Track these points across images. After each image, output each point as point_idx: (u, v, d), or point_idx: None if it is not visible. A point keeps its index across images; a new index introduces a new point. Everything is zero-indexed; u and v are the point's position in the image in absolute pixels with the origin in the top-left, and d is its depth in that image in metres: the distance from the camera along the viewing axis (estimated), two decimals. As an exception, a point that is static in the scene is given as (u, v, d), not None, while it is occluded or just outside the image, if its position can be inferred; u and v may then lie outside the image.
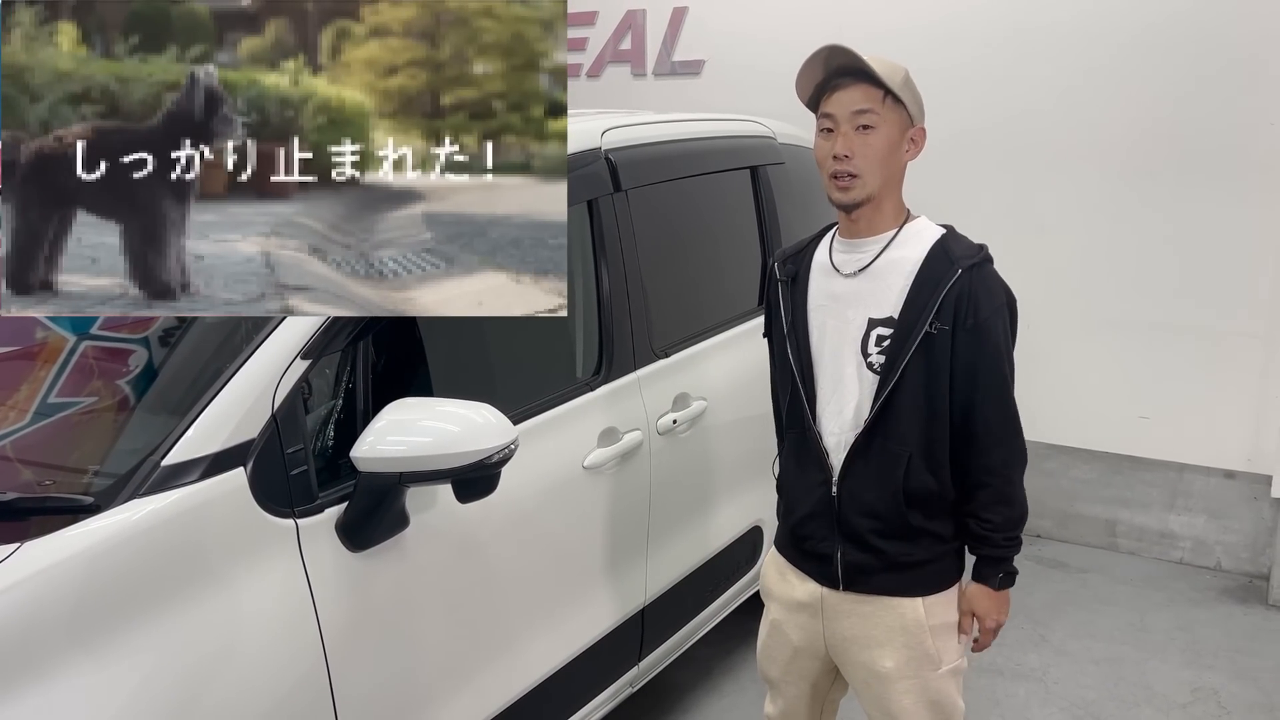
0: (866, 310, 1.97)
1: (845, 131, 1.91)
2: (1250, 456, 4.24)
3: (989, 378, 1.93)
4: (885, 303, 1.96)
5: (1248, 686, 3.49)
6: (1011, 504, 2.00)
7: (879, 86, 1.90)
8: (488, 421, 1.95)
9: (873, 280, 1.97)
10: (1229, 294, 4.19)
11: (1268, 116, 4.03)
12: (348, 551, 1.93)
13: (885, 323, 1.95)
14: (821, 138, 1.96)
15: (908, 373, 1.93)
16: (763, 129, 3.62)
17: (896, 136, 1.93)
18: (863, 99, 1.90)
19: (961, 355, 1.92)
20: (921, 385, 1.93)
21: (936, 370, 1.92)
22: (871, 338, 1.96)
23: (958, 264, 1.93)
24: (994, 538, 2.00)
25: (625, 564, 2.69)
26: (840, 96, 1.91)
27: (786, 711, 2.26)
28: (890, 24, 4.61)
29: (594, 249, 2.68)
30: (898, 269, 1.96)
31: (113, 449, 1.85)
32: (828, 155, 1.93)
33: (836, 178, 1.93)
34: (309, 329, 1.91)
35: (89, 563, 1.60)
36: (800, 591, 2.12)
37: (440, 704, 2.13)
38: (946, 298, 1.91)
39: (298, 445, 1.88)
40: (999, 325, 1.93)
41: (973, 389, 1.93)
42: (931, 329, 1.91)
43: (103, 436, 1.90)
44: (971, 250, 1.96)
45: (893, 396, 1.94)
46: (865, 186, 1.92)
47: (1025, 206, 4.51)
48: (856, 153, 1.90)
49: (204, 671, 1.70)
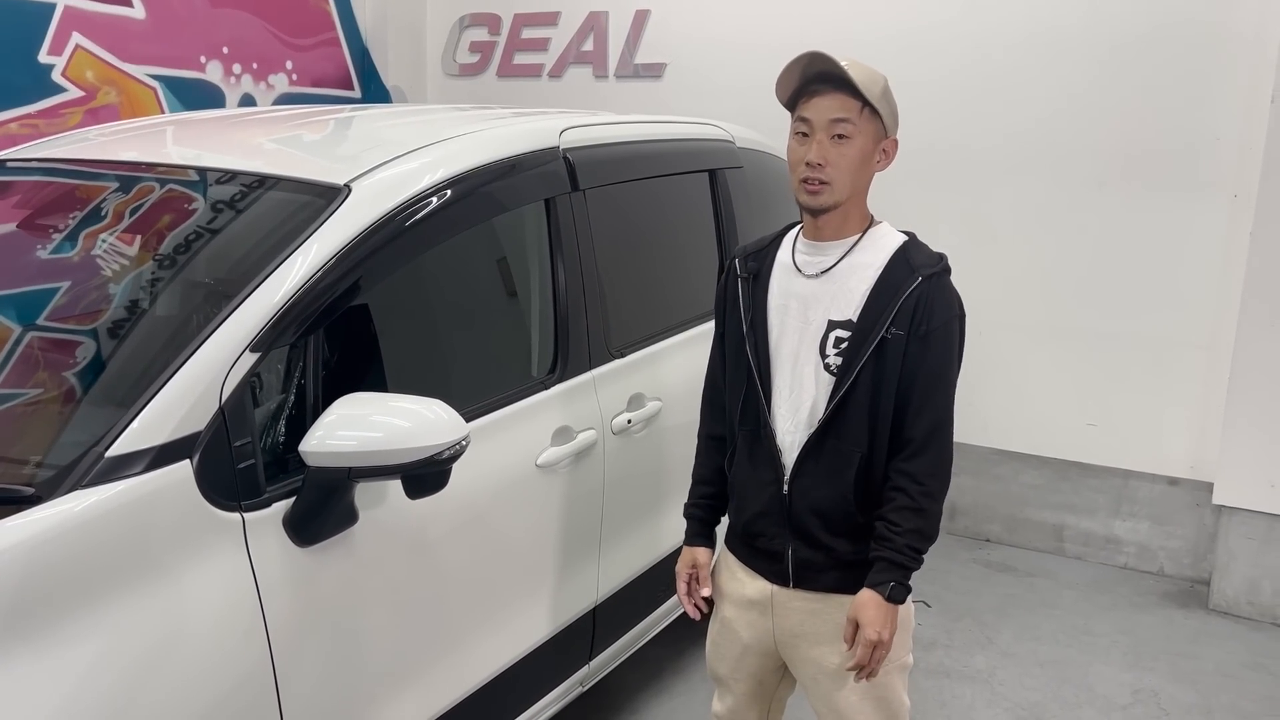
0: (827, 312, 1.99)
1: (821, 139, 1.93)
2: (1193, 464, 4.33)
3: (932, 384, 1.95)
4: (846, 306, 1.98)
5: (1186, 689, 3.57)
6: (923, 515, 1.95)
7: (857, 97, 1.92)
8: (439, 417, 1.94)
9: (835, 283, 2.00)
10: (1174, 306, 4.28)
11: (1213, 132, 4.12)
12: (295, 547, 1.91)
13: (844, 325, 1.97)
14: (796, 141, 1.98)
15: (862, 375, 1.95)
16: (722, 133, 3.64)
17: (870, 147, 1.96)
18: (840, 108, 1.92)
19: (910, 360, 1.94)
20: (874, 388, 1.96)
21: (888, 374, 1.95)
22: (830, 339, 1.98)
23: (918, 272, 1.96)
24: (897, 541, 1.93)
25: (577, 563, 2.69)
26: (819, 103, 1.93)
27: (734, 709, 2.27)
28: (850, 35, 4.66)
29: (550, 247, 2.67)
30: (860, 273, 1.98)
31: (56, 440, 1.82)
32: (800, 160, 1.95)
33: (807, 182, 1.95)
34: (259, 322, 1.89)
35: (29, 552, 1.57)
36: (750, 589, 2.14)
37: (387, 701, 2.12)
38: (905, 304, 1.94)
39: (245, 439, 1.86)
40: (949, 335, 1.96)
41: (914, 394, 1.95)
42: (887, 334, 1.93)
43: (46, 427, 1.87)
44: (932, 259, 1.99)
45: (847, 398, 1.96)
46: (835, 194, 1.94)
47: (979, 216, 4.57)
48: (830, 161, 1.92)
49: (146, 665, 1.67)
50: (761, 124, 4.10)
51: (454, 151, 2.44)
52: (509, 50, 5.67)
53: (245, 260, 2.05)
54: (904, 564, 1.94)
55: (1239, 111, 4.06)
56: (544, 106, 4.94)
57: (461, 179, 2.37)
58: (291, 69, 5.27)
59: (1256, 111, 3.98)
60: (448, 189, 2.32)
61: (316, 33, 5.40)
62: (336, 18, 5.51)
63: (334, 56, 5.53)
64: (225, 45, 4.90)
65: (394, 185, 2.23)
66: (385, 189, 2.21)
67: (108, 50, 4.40)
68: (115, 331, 1.98)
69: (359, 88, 5.69)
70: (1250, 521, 4.07)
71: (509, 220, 2.61)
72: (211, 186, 2.31)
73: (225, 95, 4.94)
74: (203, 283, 2.12)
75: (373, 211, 2.15)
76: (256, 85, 5.08)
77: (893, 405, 1.96)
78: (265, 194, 2.24)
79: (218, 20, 4.86)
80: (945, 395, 1.97)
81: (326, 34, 5.46)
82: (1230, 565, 4.13)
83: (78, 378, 1.96)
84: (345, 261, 2.05)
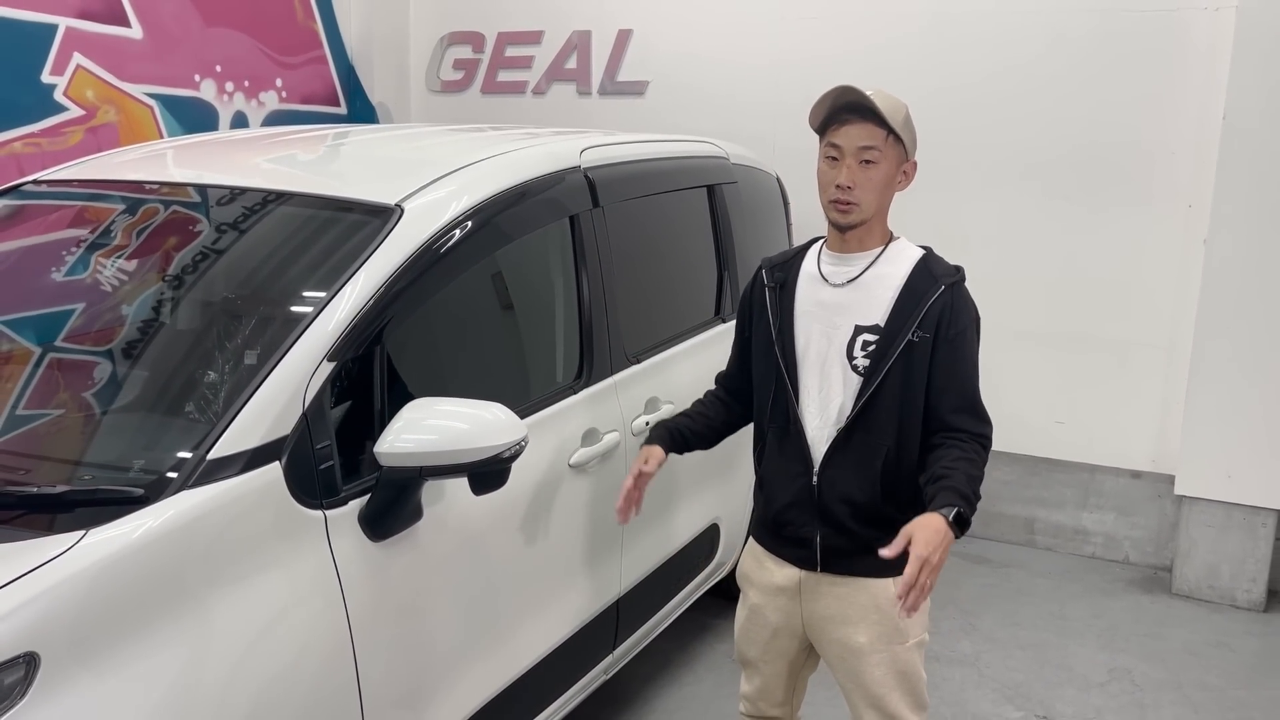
0: (854, 318, 2.19)
1: (850, 164, 2.13)
2: (1155, 458, 4.61)
3: (964, 376, 2.17)
4: (872, 312, 2.18)
5: (1157, 667, 3.82)
6: (975, 465, 2.07)
7: (883, 126, 2.12)
8: (500, 419, 2.10)
9: (860, 291, 2.20)
10: (1135, 309, 4.56)
11: (1169, 147, 4.41)
12: (369, 541, 2.06)
13: (871, 330, 2.17)
14: (826, 164, 2.17)
15: (890, 375, 2.15)
16: (717, 150, 3.83)
17: (893, 170, 2.17)
18: (868, 137, 2.12)
19: (942, 359, 2.15)
20: (900, 386, 2.16)
21: (915, 373, 2.15)
22: (858, 343, 2.18)
23: (940, 281, 2.17)
24: (957, 475, 2.01)
25: (604, 557, 2.86)
26: (849, 131, 2.13)
27: (762, 689, 2.45)
28: (825, 50, 4.90)
29: (575, 261, 2.84)
30: (884, 282, 2.19)
31: (157, 445, 1.95)
32: (831, 182, 2.15)
33: (837, 203, 2.15)
34: (334, 333, 2.04)
35: (144, 548, 1.71)
36: (779, 576, 2.32)
37: (448, 683, 2.27)
38: (930, 310, 2.14)
39: (325, 441, 2.01)
40: (972, 335, 2.20)
41: (950, 384, 2.16)
42: (914, 337, 2.14)
43: (146, 434, 2.00)
44: (950, 270, 2.21)
45: (874, 396, 2.16)
46: (862, 212, 2.15)
47: (952, 223, 4.81)
48: (859, 184, 2.13)
49: (247, 651, 1.81)
50: (740, 140, 4.32)
51: (489, 172, 2.60)
52: (493, 67, 5.82)
53: (315, 277, 2.20)
54: (966, 494, 1.99)
55: (1193, 126, 4.34)
56: (529, 124, 5.11)
57: (499, 198, 2.53)
58: (281, 86, 5.38)
59: (1209, 127, 4.26)
60: (487, 208, 2.49)
61: (304, 51, 5.51)
62: (323, 36, 5.63)
63: (321, 74, 5.64)
64: (218, 64, 5.00)
65: (441, 205, 2.39)
66: (433, 208, 2.37)
67: (107, 70, 4.49)
68: (202, 343, 2.12)
69: (345, 104, 5.80)
70: (1209, 510, 4.35)
71: (539, 236, 2.78)
72: (268, 207, 2.45)
73: (219, 113, 5.03)
74: (278, 298, 2.27)
75: (424, 230, 2.30)
76: (248, 103, 5.19)
77: (920, 403, 2.16)
78: (322, 214, 2.39)
79: (211, 39, 4.96)
80: (977, 382, 2.18)
81: (314, 52, 5.58)
82: (1191, 552, 4.40)
83: (170, 387, 2.10)
84: (403, 277, 2.21)
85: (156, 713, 1.66)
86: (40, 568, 1.59)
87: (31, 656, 1.54)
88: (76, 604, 1.61)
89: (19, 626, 1.54)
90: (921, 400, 2.16)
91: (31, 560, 1.60)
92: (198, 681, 1.74)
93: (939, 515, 1.96)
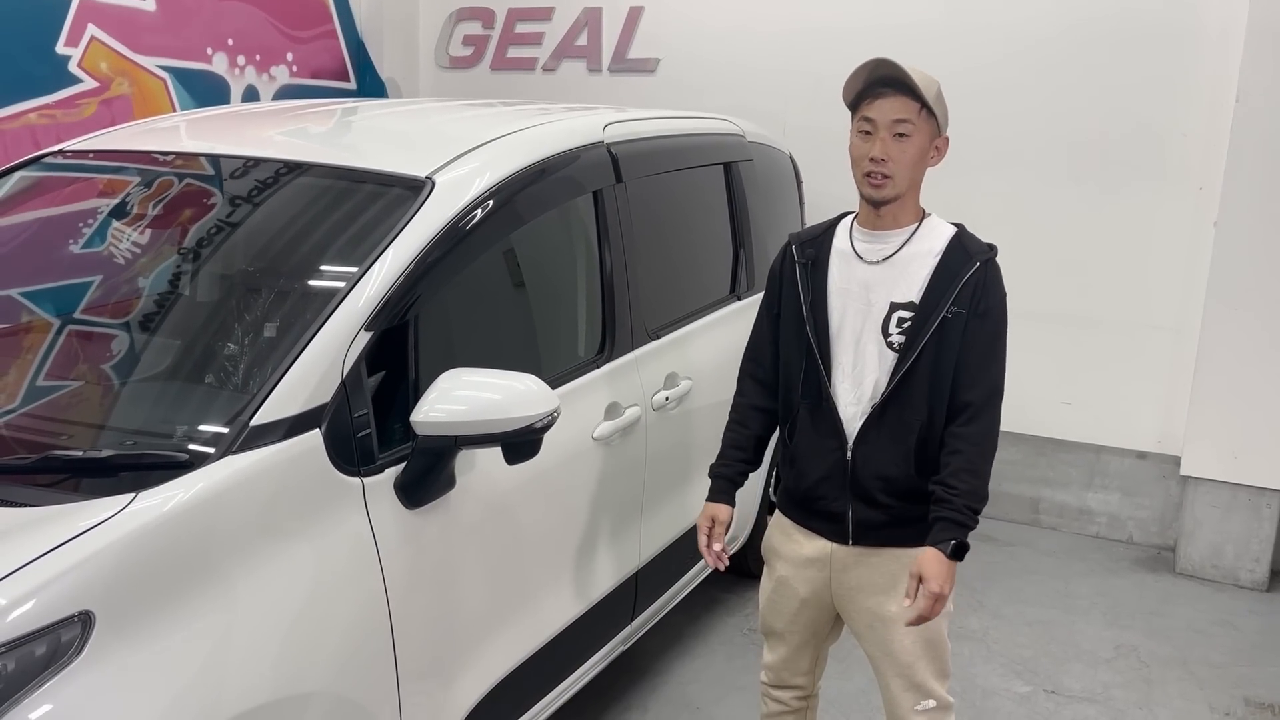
0: (889, 295, 2.21)
1: (884, 137, 2.14)
2: (1160, 439, 4.65)
3: (989, 356, 2.19)
4: (908, 289, 2.20)
5: (1162, 644, 3.87)
6: (978, 477, 2.18)
7: (916, 99, 2.14)
8: (533, 390, 2.13)
9: (896, 268, 2.22)
10: (1143, 291, 4.59)
11: (1180, 128, 4.43)
12: (404, 508, 2.09)
13: (907, 306, 2.20)
14: (860, 139, 2.19)
15: (925, 351, 2.17)
16: (734, 128, 3.85)
17: (926, 145, 2.18)
18: (902, 109, 2.14)
19: (973, 335, 2.17)
20: (934, 362, 2.18)
21: (948, 349, 2.17)
22: (893, 319, 2.20)
23: (975, 257, 2.20)
24: (956, 502, 2.13)
25: (624, 530, 2.90)
26: (882, 104, 2.15)
27: (786, 659, 2.48)
28: (837, 30, 4.90)
29: (598, 236, 2.86)
30: (920, 260, 2.21)
31: (200, 412, 1.98)
32: (865, 155, 2.16)
33: (870, 176, 2.16)
34: (372, 303, 2.06)
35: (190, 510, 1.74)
36: (808, 549, 2.35)
37: (480, 647, 2.31)
38: (965, 286, 2.17)
39: (363, 410, 2.04)
40: (1002, 312, 2.22)
41: (972, 364, 2.18)
42: (948, 313, 2.16)
43: (187, 401, 2.02)
44: (983, 247, 2.24)
45: (909, 372, 2.18)
46: (895, 186, 2.17)
47: (960, 206, 4.76)
48: (892, 157, 2.14)
49: (290, 611, 1.85)
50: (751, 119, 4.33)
51: (517, 146, 2.62)
52: (502, 44, 5.81)
53: (350, 248, 2.22)
54: (963, 523, 2.14)
55: (1205, 109, 4.36)
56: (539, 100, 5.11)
57: (527, 172, 2.55)
58: (291, 61, 5.37)
59: (1221, 109, 4.29)
60: (516, 181, 2.50)
61: (315, 25, 5.50)
62: (334, 11, 5.61)
63: (331, 49, 5.63)
64: (230, 37, 4.99)
65: (471, 178, 2.41)
66: (464, 181, 2.39)
67: (121, 42, 4.48)
68: (244, 313, 2.14)
69: (354, 80, 5.79)
70: (1214, 491, 4.40)
71: (564, 210, 2.80)
72: (300, 179, 2.46)
73: (230, 87, 5.03)
74: (315, 268, 2.29)
75: (456, 202, 2.32)
76: (259, 77, 5.18)
77: (950, 378, 2.18)
78: (356, 187, 2.40)
79: (223, 13, 4.95)
80: (999, 365, 2.21)
81: (324, 26, 5.56)
82: (1196, 532, 4.45)
83: (213, 356, 2.12)
84: (436, 249, 2.23)
85: (201, 672, 1.69)
86: (93, 529, 1.62)
87: (87, 615, 1.57)
88: (128, 564, 1.64)
89: (74, 585, 1.57)
90: (951, 375, 2.19)
91: (84, 522, 1.63)
92: (239, 643, 1.77)
93: (939, 552, 2.14)
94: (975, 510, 2.16)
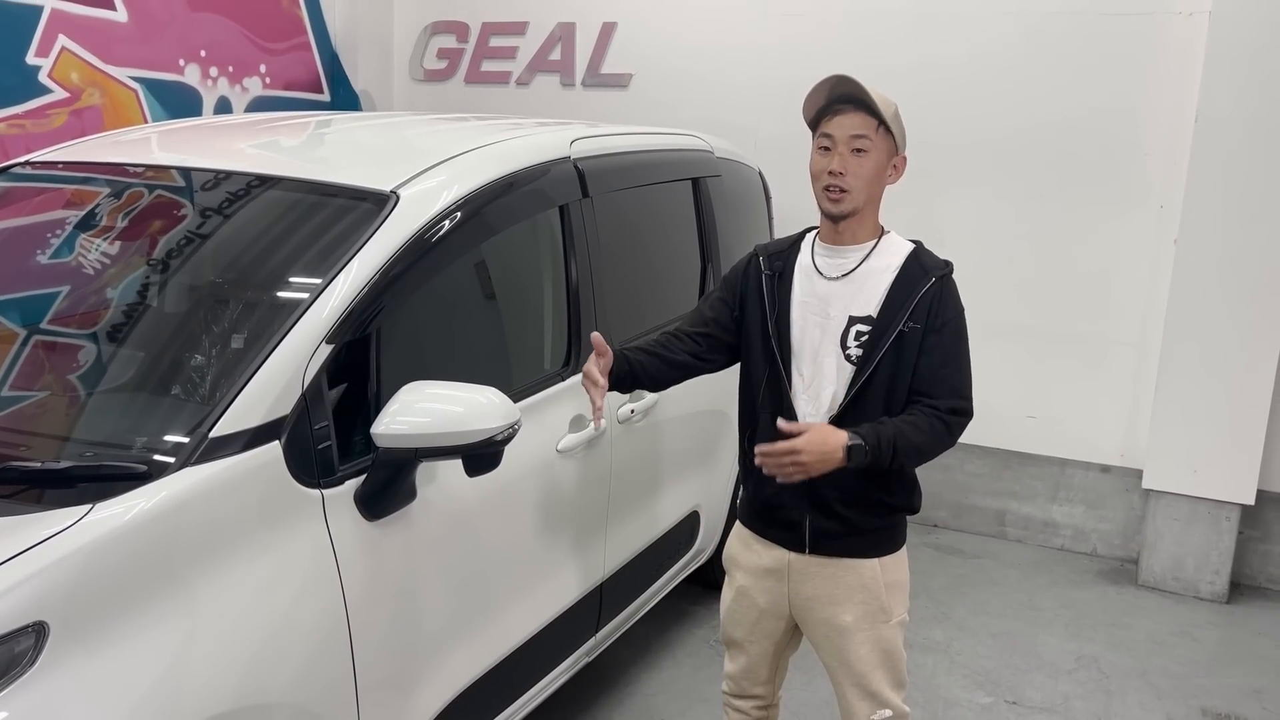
0: (847, 309, 2.25)
1: (842, 152, 2.19)
2: (1123, 452, 4.72)
3: (951, 369, 2.24)
4: (866, 303, 2.24)
5: (1123, 655, 3.92)
6: (918, 430, 2.16)
7: (874, 116, 2.19)
8: (494, 403, 2.15)
9: (854, 284, 2.26)
10: (1106, 307, 4.66)
11: (1142, 148, 4.51)
12: (364, 520, 2.11)
13: (865, 320, 2.24)
14: (819, 154, 2.24)
15: (881, 364, 2.22)
16: (702, 143, 3.89)
17: (884, 161, 2.23)
18: (860, 125, 2.19)
19: (929, 347, 2.22)
20: (891, 374, 2.22)
21: (905, 364, 2.22)
22: (851, 333, 2.24)
23: (931, 273, 2.24)
24: (888, 428, 2.13)
25: (588, 541, 2.91)
26: (841, 120, 2.20)
27: (747, 669, 2.51)
28: (808, 46, 4.96)
29: (564, 250, 2.89)
30: (877, 275, 2.25)
31: (159, 424, 1.99)
32: (823, 170, 2.21)
33: (829, 190, 2.21)
34: (332, 316, 2.08)
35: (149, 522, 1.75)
36: (766, 559, 2.38)
37: (440, 659, 2.32)
38: (920, 301, 2.21)
39: (323, 422, 2.05)
40: (961, 324, 2.27)
41: (933, 369, 2.22)
42: (905, 327, 2.21)
43: (147, 412, 2.03)
44: (940, 263, 2.28)
45: (866, 384, 2.22)
46: (853, 200, 2.21)
47: (928, 223, 4.86)
48: (850, 171, 2.19)
49: (246, 621, 1.86)
50: (723, 134, 4.38)
51: (483, 160, 2.64)
52: (477, 57, 5.84)
53: (313, 261, 2.24)
54: (878, 443, 2.12)
55: (1166, 130, 4.44)
56: (512, 114, 5.14)
57: (492, 186, 2.58)
58: (265, 72, 5.38)
59: (1182, 130, 4.37)
60: (481, 195, 2.53)
61: (289, 37, 5.51)
62: (308, 22, 5.63)
63: (305, 61, 5.64)
64: (203, 49, 5.00)
65: (436, 192, 2.43)
66: (429, 195, 2.41)
67: (92, 52, 4.48)
68: (204, 324, 2.15)
69: (328, 91, 5.81)
70: (1175, 504, 4.46)
71: (530, 224, 2.82)
72: (265, 192, 2.48)
73: (203, 98, 5.03)
74: (278, 281, 2.30)
75: (420, 216, 2.34)
76: (232, 88, 5.19)
77: (906, 391, 2.22)
78: (319, 200, 2.42)
79: (196, 24, 4.95)
80: (962, 376, 2.25)
81: (298, 38, 5.58)
82: (1157, 545, 4.52)
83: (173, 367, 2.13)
84: (399, 263, 2.25)
85: (160, 681, 1.70)
86: (49, 540, 1.63)
87: (41, 626, 1.58)
88: (84, 575, 1.64)
89: (29, 596, 1.57)
90: (908, 389, 2.22)
91: (40, 532, 1.64)
92: (199, 652, 1.78)
93: (841, 435, 2.10)
94: (896, 449, 2.14)
